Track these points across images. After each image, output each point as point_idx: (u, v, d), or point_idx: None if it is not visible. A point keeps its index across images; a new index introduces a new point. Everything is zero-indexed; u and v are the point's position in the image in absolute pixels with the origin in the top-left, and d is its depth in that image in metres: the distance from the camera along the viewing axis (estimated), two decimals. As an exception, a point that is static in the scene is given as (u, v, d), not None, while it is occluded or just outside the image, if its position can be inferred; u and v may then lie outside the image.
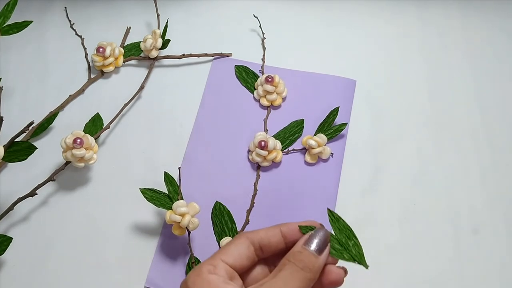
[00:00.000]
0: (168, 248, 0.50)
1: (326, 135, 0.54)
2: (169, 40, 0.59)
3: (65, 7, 0.65)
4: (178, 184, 0.50)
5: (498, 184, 0.54)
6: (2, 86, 0.52)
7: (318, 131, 0.55)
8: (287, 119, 0.56)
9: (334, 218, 0.36)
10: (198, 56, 0.61)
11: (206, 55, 0.61)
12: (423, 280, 0.50)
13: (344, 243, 0.35)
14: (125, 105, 0.57)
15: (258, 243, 0.35)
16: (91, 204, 0.53)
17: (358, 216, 0.52)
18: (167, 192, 0.50)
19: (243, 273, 0.35)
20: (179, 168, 0.51)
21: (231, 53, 0.61)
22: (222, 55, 0.61)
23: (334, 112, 0.55)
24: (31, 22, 0.56)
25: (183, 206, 0.47)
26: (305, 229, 0.35)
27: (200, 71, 0.60)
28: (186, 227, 0.47)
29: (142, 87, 0.59)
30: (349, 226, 0.36)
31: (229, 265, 0.34)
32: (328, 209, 0.36)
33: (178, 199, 0.49)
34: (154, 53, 0.59)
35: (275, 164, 0.54)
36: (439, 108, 0.58)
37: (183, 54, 0.61)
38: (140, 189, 0.49)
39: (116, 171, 0.55)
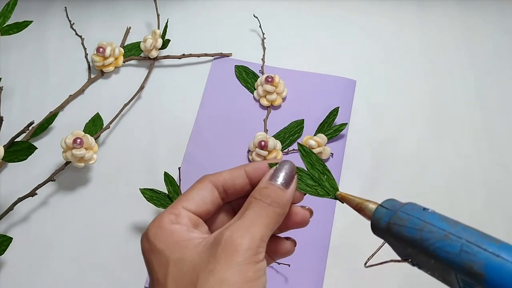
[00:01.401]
0: (168, 248, 0.50)
1: (326, 135, 0.54)
2: (169, 40, 0.59)
3: (65, 7, 0.65)
4: (178, 184, 0.50)
5: (498, 184, 0.54)
6: (2, 86, 0.52)
7: (318, 131, 0.55)
8: (287, 119, 0.56)
9: (305, 152, 0.33)
10: (198, 56, 0.61)
11: (206, 55, 0.61)
12: (423, 280, 0.49)
13: (317, 178, 0.32)
14: (125, 105, 0.57)
15: (222, 186, 0.32)
16: (91, 204, 0.53)
17: (358, 216, 0.52)
18: (167, 192, 0.50)
19: (208, 218, 0.32)
20: (179, 168, 0.51)
21: (231, 53, 0.61)
22: (222, 55, 0.61)
23: (334, 112, 0.55)
24: (31, 22, 0.56)
25: None
26: (273, 165, 0.32)
27: (200, 71, 0.60)
28: None
29: (142, 87, 0.59)
30: (322, 160, 0.33)
31: (192, 212, 0.31)
32: (298, 143, 0.34)
33: None
34: (154, 53, 0.59)
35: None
36: (439, 108, 0.58)
37: (183, 54, 0.61)
38: (140, 189, 0.49)
39: (116, 171, 0.55)
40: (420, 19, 0.64)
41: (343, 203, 0.33)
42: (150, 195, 0.49)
